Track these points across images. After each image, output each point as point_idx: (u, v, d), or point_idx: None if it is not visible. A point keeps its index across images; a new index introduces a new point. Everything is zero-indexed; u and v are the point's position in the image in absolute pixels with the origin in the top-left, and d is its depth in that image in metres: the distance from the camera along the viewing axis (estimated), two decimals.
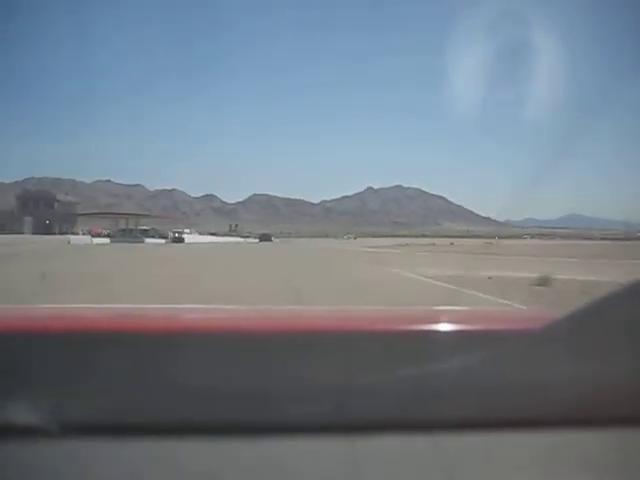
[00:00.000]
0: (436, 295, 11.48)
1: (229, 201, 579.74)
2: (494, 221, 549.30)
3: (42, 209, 78.91)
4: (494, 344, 0.86)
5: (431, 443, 0.83)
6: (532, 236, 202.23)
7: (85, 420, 0.81)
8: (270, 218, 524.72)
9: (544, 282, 13.17)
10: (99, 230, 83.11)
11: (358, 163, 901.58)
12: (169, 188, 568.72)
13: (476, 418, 0.85)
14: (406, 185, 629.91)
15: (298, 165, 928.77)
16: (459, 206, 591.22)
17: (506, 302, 9.68)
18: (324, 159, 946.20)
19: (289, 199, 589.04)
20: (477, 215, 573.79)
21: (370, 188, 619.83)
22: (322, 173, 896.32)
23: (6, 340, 0.87)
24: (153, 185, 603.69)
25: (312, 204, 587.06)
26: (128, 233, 59.60)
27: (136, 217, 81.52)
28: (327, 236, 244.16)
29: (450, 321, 0.97)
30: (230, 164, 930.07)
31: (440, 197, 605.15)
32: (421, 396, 0.85)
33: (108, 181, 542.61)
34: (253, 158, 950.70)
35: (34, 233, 65.33)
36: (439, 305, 1.55)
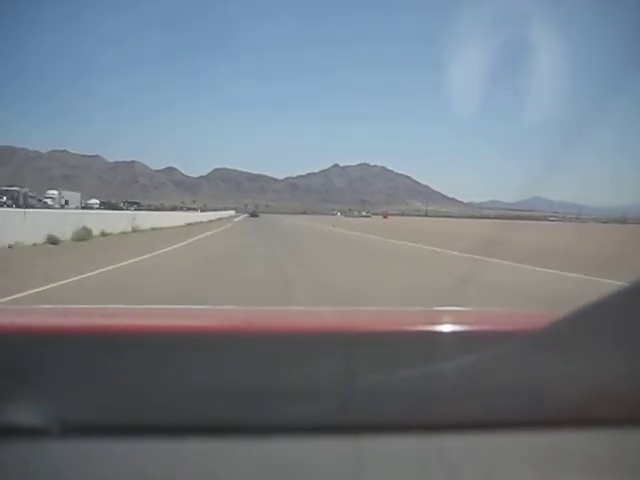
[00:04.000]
0: None
1: (191, 175, 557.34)
2: (459, 202, 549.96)
3: None
4: (495, 345, 0.86)
5: (433, 443, 0.83)
6: (561, 219, 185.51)
7: (85, 420, 0.81)
8: (233, 193, 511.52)
9: None
10: None
11: (324, 140, 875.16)
12: (128, 160, 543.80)
13: (478, 418, 0.85)
14: (372, 163, 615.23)
15: (263, 140, 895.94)
16: (426, 186, 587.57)
17: None
18: (290, 135, 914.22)
19: (253, 174, 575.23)
20: (444, 196, 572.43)
21: (336, 165, 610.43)
22: (287, 149, 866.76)
23: (6, 340, 0.87)
24: (112, 156, 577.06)
25: (276, 180, 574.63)
26: None
27: None
28: (305, 213, 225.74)
29: (451, 322, 0.98)
30: (193, 137, 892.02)
31: (406, 176, 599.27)
32: (423, 396, 0.85)
33: (64, 151, 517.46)
34: (217, 131, 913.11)
35: None
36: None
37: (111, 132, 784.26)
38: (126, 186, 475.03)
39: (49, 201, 53.80)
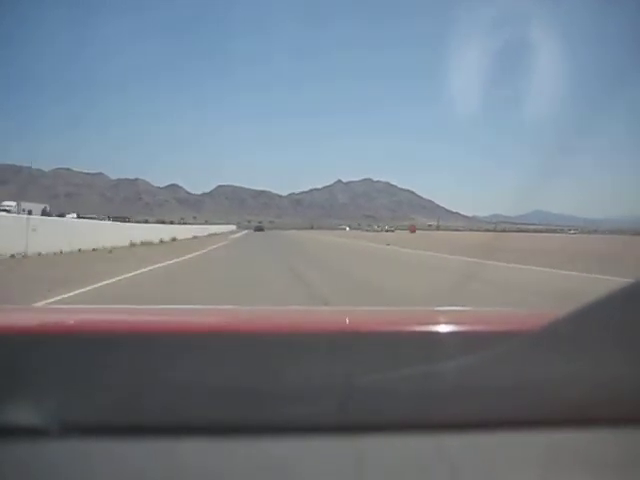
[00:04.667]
0: None
1: (194, 192, 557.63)
2: (463, 216, 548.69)
3: None
4: (495, 345, 0.86)
5: (433, 443, 0.83)
6: (580, 231, 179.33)
7: (85, 420, 0.81)
8: (236, 210, 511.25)
9: None
10: None
11: (327, 156, 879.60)
12: (132, 177, 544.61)
13: (478, 418, 0.85)
14: (375, 179, 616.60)
15: (266, 157, 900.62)
16: (429, 201, 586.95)
17: None
18: (293, 151, 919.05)
19: (256, 190, 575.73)
20: (447, 210, 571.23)
21: (339, 181, 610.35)
22: (291, 165, 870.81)
23: (6, 340, 0.87)
24: (115, 174, 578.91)
25: (280, 196, 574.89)
26: None
27: None
28: (312, 228, 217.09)
29: (451, 322, 0.98)
30: (196, 154, 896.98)
31: (410, 192, 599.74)
32: (423, 396, 0.85)
33: (68, 169, 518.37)
34: (220, 148, 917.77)
35: None
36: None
37: (114, 150, 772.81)
38: (129, 203, 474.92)
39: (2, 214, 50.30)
